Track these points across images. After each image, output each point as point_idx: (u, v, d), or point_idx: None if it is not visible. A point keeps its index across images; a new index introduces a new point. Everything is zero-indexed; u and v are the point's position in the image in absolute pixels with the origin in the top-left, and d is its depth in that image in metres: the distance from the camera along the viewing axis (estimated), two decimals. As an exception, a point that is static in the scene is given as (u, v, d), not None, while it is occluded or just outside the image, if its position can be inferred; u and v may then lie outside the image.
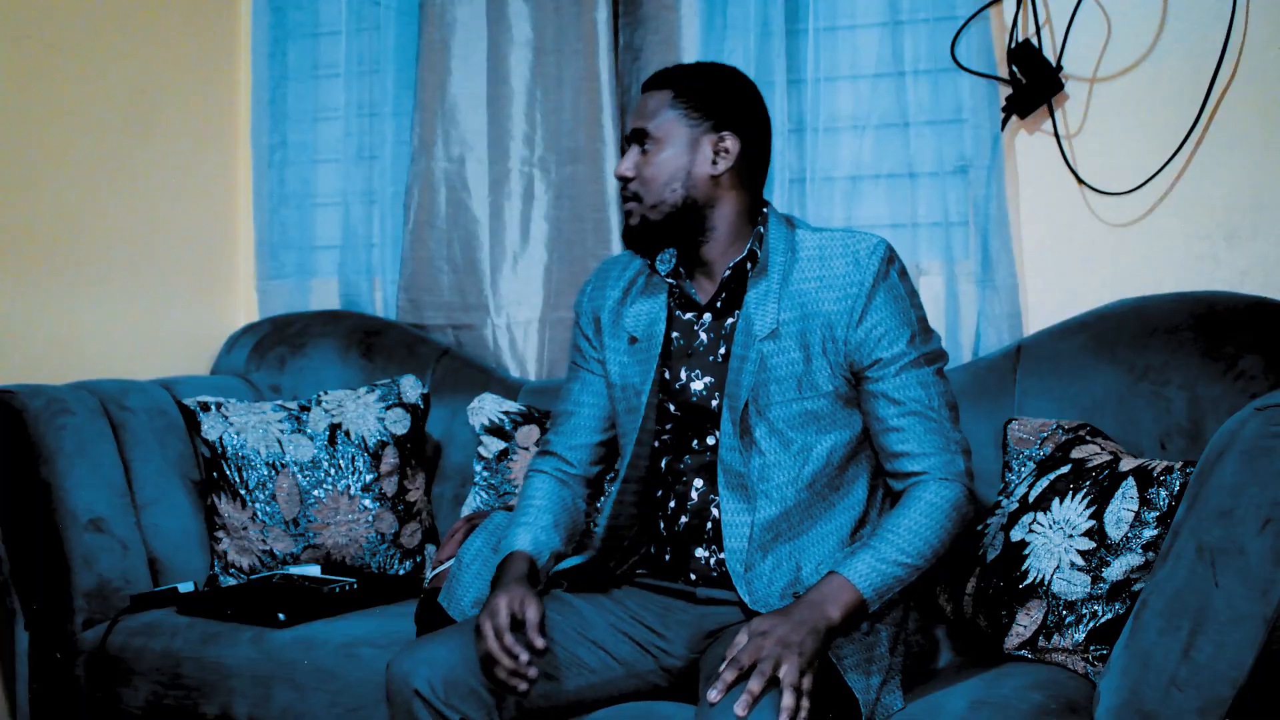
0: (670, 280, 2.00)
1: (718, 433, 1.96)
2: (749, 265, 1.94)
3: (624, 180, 1.96)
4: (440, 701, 1.79)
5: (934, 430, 1.87)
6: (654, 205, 1.93)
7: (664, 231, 1.95)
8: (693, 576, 1.98)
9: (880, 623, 1.86)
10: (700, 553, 1.97)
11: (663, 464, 2.02)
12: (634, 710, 1.91)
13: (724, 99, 1.94)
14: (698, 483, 1.98)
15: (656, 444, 2.03)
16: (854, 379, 1.91)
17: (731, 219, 1.96)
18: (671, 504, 2.00)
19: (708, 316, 1.98)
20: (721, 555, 1.96)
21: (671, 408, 1.99)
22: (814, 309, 1.89)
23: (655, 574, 2.03)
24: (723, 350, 1.96)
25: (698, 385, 1.98)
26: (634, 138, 1.96)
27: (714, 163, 1.93)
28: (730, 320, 1.97)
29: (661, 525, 2.02)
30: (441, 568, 2.23)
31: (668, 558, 2.02)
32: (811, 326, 1.89)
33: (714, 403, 1.96)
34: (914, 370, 1.88)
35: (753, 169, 1.96)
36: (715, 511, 1.95)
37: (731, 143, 1.93)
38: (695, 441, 1.99)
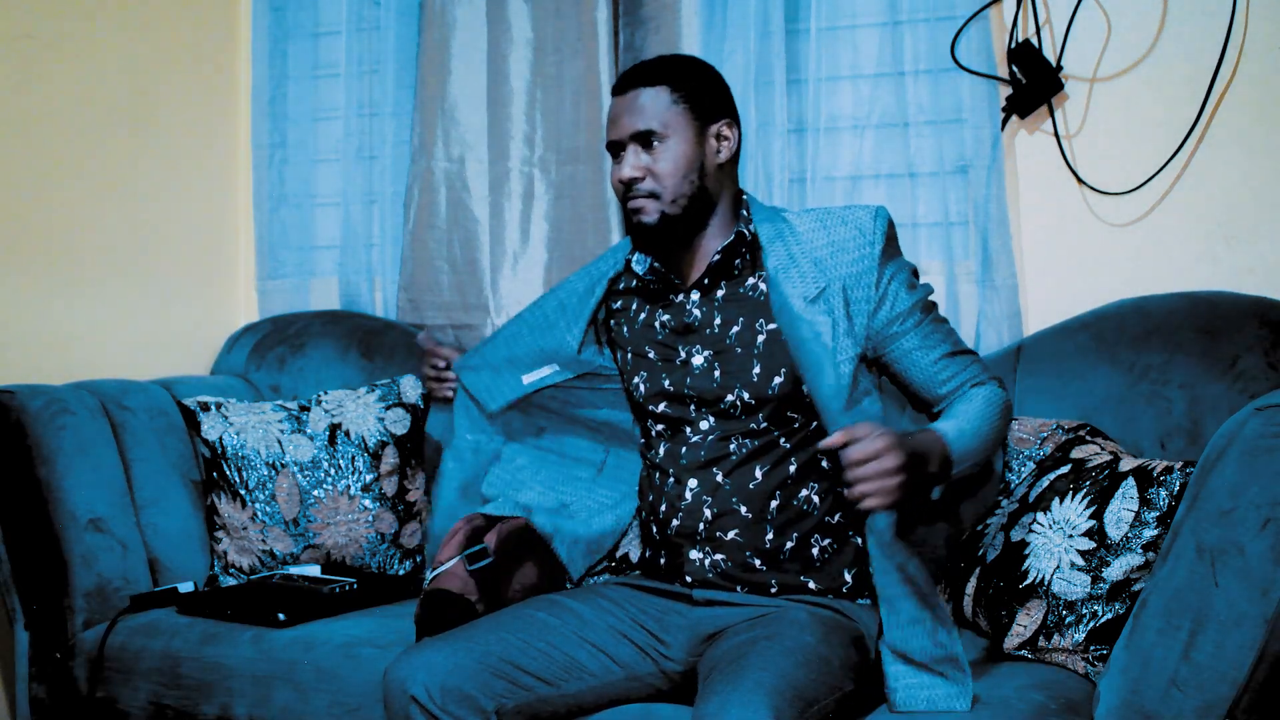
0: (650, 278, 2.01)
1: (711, 418, 1.96)
2: (739, 247, 1.96)
3: (632, 182, 1.95)
4: (437, 708, 1.79)
5: (968, 359, 1.94)
6: (673, 200, 1.94)
7: (681, 225, 1.95)
8: (689, 579, 1.97)
9: (919, 556, 1.80)
10: (695, 555, 1.97)
11: (656, 460, 2.01)
12: (633, 713, 1.91)
13: (715, 90, 1.99)
14: (691, 482, 1.97)
15: (646, 438, 2.03)
16: (873, 342, 1.92)
17: (728, 205, 1.99)
18: (663, 506, 2.00)
19: (696, 294, 1.99)
20: (717, 557, 1.95)
21: (667, 384, 1.98)
22: (834, 273, 1.91)
23: (650, 577, 2.03)
24: (719, 321, 1.97)
25: (698, 360, 1.98)
26: (636, 139, 1.95)
27: (718, 152, 1.96)
28: (721, 293, 1.97)
29: (654, 529, 2.01)
30: (441, 568, 2.22)
31: (662, 561, 2.01)
32: (834, 290, 1.90)
33: (715, 376, 1.96)
34: (928, 315, 1.94)
35: (737, 156, 2.01)
36: (708, 512, 1.95)
37: (730, 131, 1.98)
38: (688, 429, 1.98)
